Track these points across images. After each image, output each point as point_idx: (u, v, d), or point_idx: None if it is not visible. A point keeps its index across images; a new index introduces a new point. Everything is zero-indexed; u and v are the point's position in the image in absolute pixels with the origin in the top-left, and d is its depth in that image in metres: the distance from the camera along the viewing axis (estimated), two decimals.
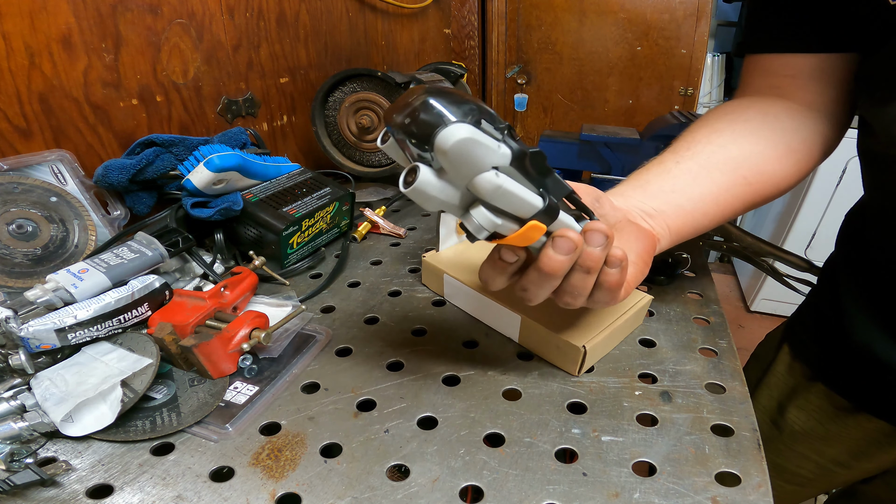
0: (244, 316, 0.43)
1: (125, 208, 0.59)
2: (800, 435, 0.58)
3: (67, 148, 0.54)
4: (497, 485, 0.34)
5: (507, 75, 1.82)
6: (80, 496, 0.33)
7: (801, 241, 1.89)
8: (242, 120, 0.78)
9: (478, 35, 1.70)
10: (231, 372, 0.43)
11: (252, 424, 0.39)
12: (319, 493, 0.33)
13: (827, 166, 1.73)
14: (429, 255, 0.56)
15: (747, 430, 0.38)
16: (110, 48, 0.57)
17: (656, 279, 0.58)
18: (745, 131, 0.46)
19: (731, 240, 0.64)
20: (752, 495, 0.33)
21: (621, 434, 0.38)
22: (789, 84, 0.48)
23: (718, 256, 2.49)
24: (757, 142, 0.46)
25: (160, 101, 0.65)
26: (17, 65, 0.49)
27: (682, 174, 0.45)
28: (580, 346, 0.42)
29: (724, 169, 0.45)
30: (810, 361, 0.56)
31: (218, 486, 0.34)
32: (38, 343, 0.39)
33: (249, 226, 0.59)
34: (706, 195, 0.44)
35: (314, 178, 0.68)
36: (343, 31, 0.99)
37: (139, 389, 0.38)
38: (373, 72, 0.77)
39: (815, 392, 0.56)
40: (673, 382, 0.43)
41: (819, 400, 0.55)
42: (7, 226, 0.48)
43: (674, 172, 0.45)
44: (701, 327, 0.50)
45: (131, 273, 0.46)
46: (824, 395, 0.55)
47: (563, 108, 1.85)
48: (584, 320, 0.45)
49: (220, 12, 0.70)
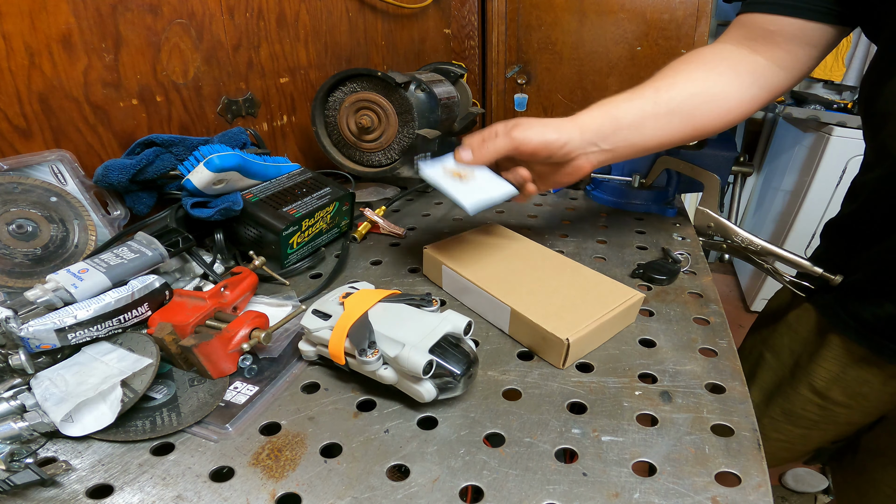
0: (244, 316, 0.43)
1: (125, 208, 0.59)
2: (808, 380, 0.62)
3: (67, 148, 0.54)
4: (497, 485, 0.34)
5: (507, 75, 1.82)
6: (80, 496, 0.33)
7: (801, 241, 1.89)
8: (242, 120, 0.78)
9: (478, 35, 1.70)
10: (231, 372, 0.43)
11: (252, 424, 0.39)
12: (319, 493, 0.33)
13: (827, 166, 1.74)
14: (430, 248, 0.58)
15: (747, 430, 0.38)
16: (110, 48, 0.57)
17: (656, 279, 0.58)
18: (709, 73, 0.54)
19: (732, 240, 0.64)
20: (752, 495, 0.33)
21: (621, 434, 0.38)
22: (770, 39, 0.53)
23: (718, 256, 2.49)
24: (715, 82, 0.53)
25: (160, 101, 0.64)
26: (17, 65, 0.49)
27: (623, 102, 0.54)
28: (564, 338, 0.43)
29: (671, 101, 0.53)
30: (823, 310, 0.60)
31: (218, 486, 0.34)
32: (38, 343, 0.39)
33: (249, 226, 0.59)
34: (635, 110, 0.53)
35: (314, 178, 0.68)
36: (343, 31, 0.99)
37: (139, 389, 0.38)
38: (373, 72, 0.77)
39: (829, 344, 0.59)
40: (673, 382, 0.43)
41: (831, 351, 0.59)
42: (7, 226, 0.48)
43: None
44: (701, 327, 0.51)
45: (131, 273, 0.46)
46: (841, 346, 0.58)
47: (563, 108, 1.85)
48: (571, 314, 0.46)
49: (220, 12, 0.70)
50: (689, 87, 0.53)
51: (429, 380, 0.38)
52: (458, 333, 0.41)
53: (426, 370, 0.36)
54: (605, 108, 0.53)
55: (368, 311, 0.40)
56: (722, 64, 0.54)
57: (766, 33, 0.52)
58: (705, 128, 0.54)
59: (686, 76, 0.54)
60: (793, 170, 1.96)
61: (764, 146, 2.31)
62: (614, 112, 0.53)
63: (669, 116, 0.52)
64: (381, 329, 0.40)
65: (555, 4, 1.69)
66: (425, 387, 0.38)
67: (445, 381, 0.38)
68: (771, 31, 0.52)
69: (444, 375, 0.38)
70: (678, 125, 0.53)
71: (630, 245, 0.68)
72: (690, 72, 0.54)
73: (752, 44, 0.54)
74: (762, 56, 0.53)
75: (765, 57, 0.53)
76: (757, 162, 2.34)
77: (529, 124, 0.51)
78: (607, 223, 0.76)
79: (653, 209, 0.80)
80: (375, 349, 0.39)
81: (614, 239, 0.70)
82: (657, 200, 0.80)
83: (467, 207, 0.49)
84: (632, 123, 0.52)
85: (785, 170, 2.03)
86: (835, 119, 1.70)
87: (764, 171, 2.32)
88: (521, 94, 1.86)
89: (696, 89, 0.53)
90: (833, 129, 1.69)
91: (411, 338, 0.38)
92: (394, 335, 0.39)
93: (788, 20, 0.50)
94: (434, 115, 0.84)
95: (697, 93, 0.53)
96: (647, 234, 0.72)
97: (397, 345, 0.38)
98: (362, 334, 0.39)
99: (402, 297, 0.44)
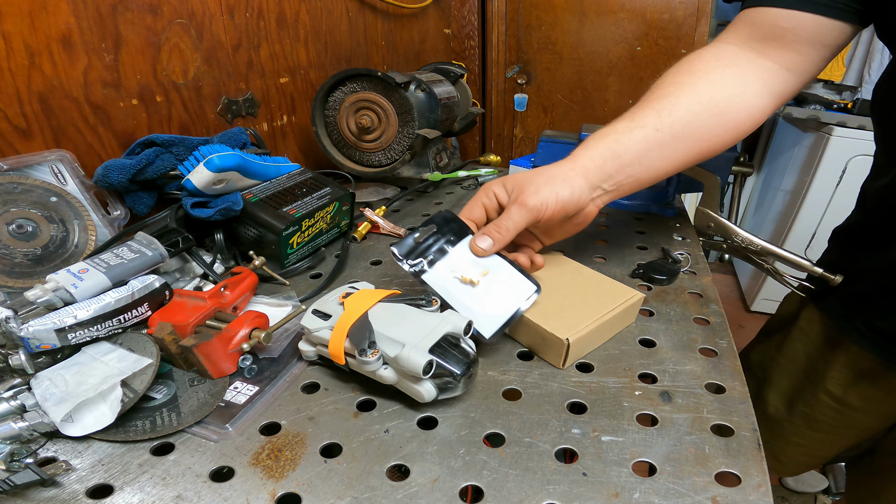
0: (244, 316, 0.43)
1: (125, 208, 0.59)
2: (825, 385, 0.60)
3: (67, 148, 0.54)
4: (497, 485, 0.34)
5: (507, 75, 1.82)
6: (80, 496, 0.33)
7: (801, 241, 1.89)
8: (242, 120, 0.78)
9: (478, 35, 1.70)
10: (231, 372, 0.43)
11: (252, 424, 0.39)
12: (319, 493, 0.33)
13: (827, 166, 1.74)
14: None
15: (747, 430, 0.38)
16: (110, 48, 0.57)
17: (656, 279, 0.58)
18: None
19: (732, 240, 0.64)
20: (752, 495, 0.33)
21: (621, 434, 0.38)
22: (781, 39, 0.48)
23: (718, 256, 2.49)
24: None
25: (160, 101, 0.64)
26: (17, 65, 0.49)
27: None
28: (564, 338, 0.42)
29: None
30: (833, 317, 0.59)
31: (218, 486, 0.34)
32: (38, 343, 0.39)
33: (249, 226, 0.59)
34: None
35: (314, 178, 0.68)
36: (343, 31, 0.99)
37: (139, 389, 0.38)
38: (373, 72, 0.77)
39: (842, 350, 0.58)
40: (673, 382, 0.43)
41: (844, 357, 0.58)
42: (7, 226, 0.48)
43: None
44: (701, 327, 0.50)
45: (131, 273, 0.46)
46: (851, 352, 0.57)
47: (563, 108, 1.85)
48: (571, 314, 0.46)
49: (220, 12, 0.70)
50: (693, 105, 0.48)
51: (429, 380, 0.38)
52: (458, 333, 0.41)
53: (426, 370, 0.36)
54: (605, 143, 0.49)
55: (368, 311, 0.40)
56: (727, 72, 0.50)
57: (777, 32, 0.48)
58: (713, 148, 0.50)
59: (689, 91, 0.49)
60: (793, 170, 1.96)
61: (764, 146, 2.31)
62: (615, 148, 0.48)
63: (675, 143, 0.48)
64: (381, 329, 0.40)
65: (555, 4, 1.69)
66: (425, 387, 0.38)
67: (445, 381, 0.38)
68: (783, 28, 0.47)
69: (444, 375, 0.38)
70: (684, 150, 0.49)
71: (630, 245, 0.68)
72: (694, 84, 0.49)
73: (759, 45, 0.49)
74: (770, 59, 0.49)
75: (773, 60, 0.49)
76: (757, 162, 2.34)
77: (535, 186, 0.46)
78: (607, 223, 0.76)
79: (653, 209, 0.80)
80: (375, 349, 0.39)
81: (614, 239, 0.70)
82: (657, 200, 0.80)
83: (487, 336, 0.43)
84: (635, 159, 0.48)
85: (785, 170, 2.03)
86: (835, 119, 1.70)
87: (764, 171, 2.32)
88: (521, 94, 1.86)
89: (702, 106, 0.48)
90: (833, 129, 1.69)
91: (411, 338, 0.39)
92: (394, 335, 0.39)
93: (805, 16, 0.46)
94: (434, 115, 0.84)
95: (703, 110, 0.48)
96: (647, 234, 0.72)
97: (397, 345, 0.38)
98: (362, 334, 0.39)
99: (402, 297, 0.44)
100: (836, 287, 0.58)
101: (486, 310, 0.44)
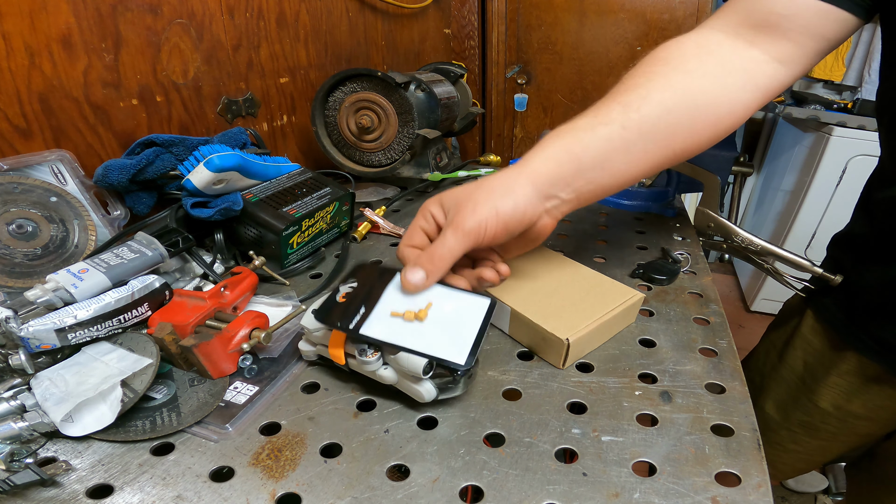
0: (244, 316, 0.43)
1: (125, 208, 0.59)
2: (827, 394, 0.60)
3: (67, 148, 0.54)
4: (497, 485, 0.34)
5: (507, 75, 1.82)
6: (80, 496, 0.33)
7: (801, 241, 1.89)
8: (242, 120, 0.78)
9: (478, 35, 1.70)
10: (231, 372, 0.43)
11: (252, 424, 0.39)
12: (319, 493, 0.33)
13: (827, 166, 1.74)
14: None
15: (747, 430, 0.38)
16: (110, 48, 0.57)
17: (656, 279, 0.58)
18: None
19: (732, 240, 0.64)
20: (752, 495, 0.33)
21: (621, 434, 0.38)
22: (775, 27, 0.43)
23: (718, 256, 2.49)
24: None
25: (160, 101, 0.64)
26: (17, 65, 0.49)
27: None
28: (564, 338, 0.42)
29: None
30: (836, 326, 0.58)
31: (218, 486, 0.34)
32: (38, 343, 0.39)
33: (249, 226, 0.59)
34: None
35: (314, 178, 0.68)
36: (343, 31, 0.99)
37: (139, 389, 0.38)
38: (373, 72, 0.77)
39: (845, 359, 0.57)
40: (673, 382, 0.43)
41: (848, 366, 0.57)
42: (7, 226, 0.48)
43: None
44: (701, 327, 0.50)
45: (131, 273, 0.46)
46: (854, 361, 0.56)
47: (563, 108, 1.85)
48: (571, 314, 0.46)
49: (220, 12, 0.70)
50: (666, 99, 0.42)
51: (429, 380, 0.38)
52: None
53: (426, 370, 0.36)
54: (562, 142, 0.42)
55: None
56: (708, 60, 0.44)
57: (772, 19, 0.43)
58: (688, 149, 0.44)
59: (662, 83, 0.43)
60: (793, 170, 1.96)
61: (764, 146, 2.31)
62: (574, 148, 0.42)
63: (643, 143, 0.42)
64: None
65: (555, 4, 1.69)
66: (425, 387, 0.38)
67: (445, 381, 0.38)
68: (780, 15, 0.42)
69: (444, 375, 0.38)
70: (655, 151, 0.43)
71: (630, 245, 0.68)
72: (667, 75, 0.43)
73: (749, 33, 0.44)
74: (760, 49, 0.44)
75: (763, 50, 0.44)
76: (757, 162, 2.34)
77: (473, 202, 0.40)
78: (607, 223, 0.76)
79: (653, 209, 0.80)
80: (375, 349, 0.39)
81: (614, 239, 0.70)
82: (657, 200, 0.80)
83: (464, 363, 0.36)
84: (596, 161, 0.42)
85: (785, 170, 2.03)
86: (835, 119, 1.70)
87: (764, 171, 2.32)
88: (521, 94, 1.86)
89: (676, 100, 0.42)
90: (833, 129, 1.69)
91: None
92: None
93: (810, 3, 0.41)
94: (434, 115, 0.84)
95: (676, 105, 0.42)
96: (647, 234, 0.72)
97: None
98: None
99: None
100: (839, 296, 0.57)
101: (447, 340, 0.38)
